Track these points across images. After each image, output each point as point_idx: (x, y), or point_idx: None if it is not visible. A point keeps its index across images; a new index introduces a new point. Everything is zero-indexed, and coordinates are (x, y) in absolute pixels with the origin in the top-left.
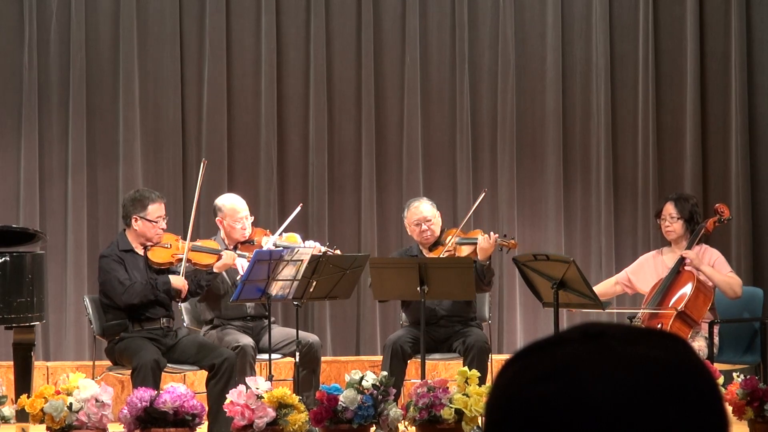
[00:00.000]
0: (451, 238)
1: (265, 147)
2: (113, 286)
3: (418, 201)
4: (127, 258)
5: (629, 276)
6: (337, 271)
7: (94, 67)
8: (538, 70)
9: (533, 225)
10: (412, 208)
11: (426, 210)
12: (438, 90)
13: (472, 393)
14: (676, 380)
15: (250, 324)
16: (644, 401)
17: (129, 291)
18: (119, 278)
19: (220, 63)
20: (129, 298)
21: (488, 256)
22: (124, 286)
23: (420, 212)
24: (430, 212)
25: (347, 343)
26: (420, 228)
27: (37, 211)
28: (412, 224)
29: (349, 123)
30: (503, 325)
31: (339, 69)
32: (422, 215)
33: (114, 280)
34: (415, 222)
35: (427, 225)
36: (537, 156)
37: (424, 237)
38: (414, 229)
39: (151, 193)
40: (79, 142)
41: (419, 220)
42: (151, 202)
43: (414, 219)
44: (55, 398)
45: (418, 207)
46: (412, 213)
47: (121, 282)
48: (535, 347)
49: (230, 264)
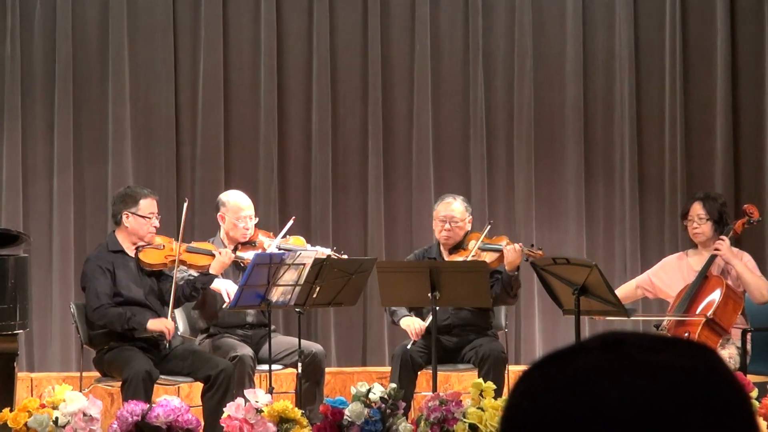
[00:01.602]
0: (474, 243)
1: (264, 143)
2: (90, 297)
3: (452, 198)
4: (117, 260)
5: (651, 279)
6: (342, 276)
7: (81, 57)
8: (556, 60)
9: (552, 226)
10: (443, 203)
11: (456, 209)
12: (450, 82)
13: (488, 407)
14: (701, 389)
15: (249, 332)
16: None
17: (101, 311)
18: (98, 291)
19: (216, 54)
20: (98, 317)
21: (516, 266)
22: (100, 301)
23: (450, 210)
24: (460, 213)
25: (353, 353)
26: (443, 226)
27: (20, 211)
28: (438, 218)
29: (354, 117)
30: (521, 334)
31: (344, 60)
32: (450, 213)
33: (92, 291)
34: (441, 218)
35: (452, 225)
36: (556, 152)
37: (444, 236)
38: (437, 224)
39: (143, 189)
40: (65, 138)
41: (445, 218)
42: (143, 197)
43: (441, 215)
44: (39, 412)
45: (450, 204)
46: (442, 208)
47: (98, 296)
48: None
49: (227, 264)
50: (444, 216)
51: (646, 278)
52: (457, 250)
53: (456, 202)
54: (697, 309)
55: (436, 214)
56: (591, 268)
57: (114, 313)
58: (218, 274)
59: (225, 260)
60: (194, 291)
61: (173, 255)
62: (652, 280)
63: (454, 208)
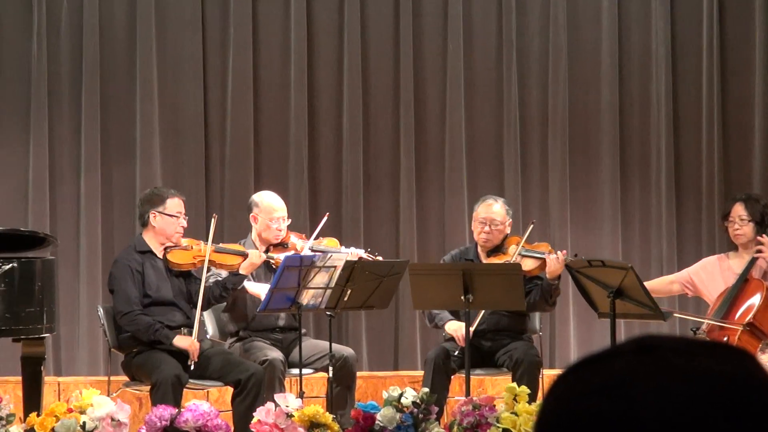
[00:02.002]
0: (514, 249)
1: (295, 143)
2: (119, 302)
3: (493, 200)
4: (145, 260)
5: (691, 276)
6: (374, 279)
7: (109, 56)
8: (592, 59)
9: (587, 228)
10: (484, 204)
11: (497, 212)
12: (483, 81)
13: (522, 411)
14: (739, 394)
15: (279, 336)
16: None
17: (129, 317)
18: (129, 295)
19: (245, 52)
20: (126, 323)
21: (557, 275)
22: (131, 308)
23: (490, 212)
24: (501, 216)
25: (385, 357)
26: (483, 228)
27: (47, 213)
28: (477, 219)
29: (386, 117)
30: (555, 338)
31: (375, 58)
32: (491, 216)
33: (122, 296)
34: (481, 220)
35: (492, 228)
36: (591, 153)
37: (483, 239)
38: (477, 226)
39: (168, 189)
40: (92, 138)
41: (485, 220)
42: (169, 196)
43: (481, 217)
44: (67, 417)
45: (491, 206)
46: (483, 210)
47: (129, 300)
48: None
49: (257, 264)
50: (484, 218)
51: (686, 276)
52: (495, 253)
53: (497, 204)
54: (737, 313)
55: (476, 216)
56: (627, 270)
57: (143, 322)
58: (248, 275)
59: (255, 260)
60: (224, 291)
61: (202, 255)
62: (692, 279)
63: (495, 210)
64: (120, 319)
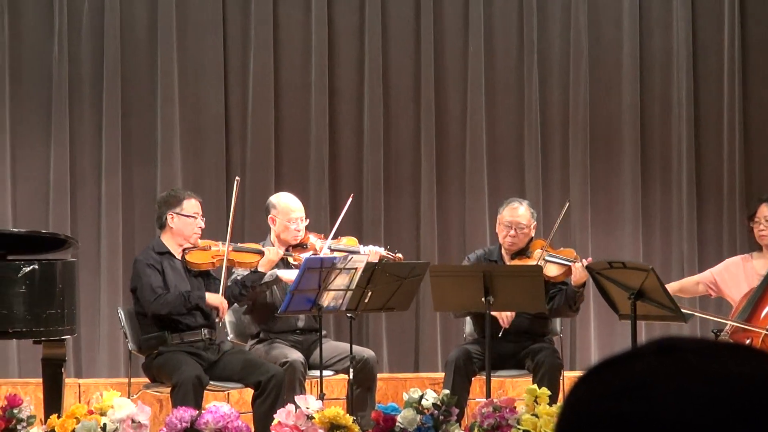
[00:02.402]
0: (539, 252)
1: (315, 145)
2: (144, 293)
3: (518, 203)
4: (164, 261)
5: (714, 277)
6: (395, 281)
7: (130, 58)
8: (613, 61)
9: (608, 229)
10: (509, 207)
11: (523, 216)
12: (504, 82)
13: (542, 413)
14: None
15: (299, 338)
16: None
17: (160, 300)
18: (152, 284)
19: (266, 53)
20: (158, 307)
21: (583, 282)
22: (156, 293)
23: (516, 215)
24: (526, 219)
25: (405, 359)
26: (508, 231)
27: (68, 215)
28: (503, 223)
29: (406, 118)
30: (576, 340)
31: (396, 60)
32: (516, 219)
33: (146, 286)
34: (507, 223)
35: (517, 231)
36: (612, 154)
37: (508, 241)
38: (502, 229)
39: (184, 191)
40: (113, 140)
41: (511, 224)
42: (186, 197)
43: (506, 220)
44: (87, 419)
45: (516, 209)
46: (508, 213)
47: (153, 289)
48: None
49: (275, 261)
50: (509, 221)
51: (709, 276)
52: (519, 255)
53: (522, 207)
54: (761, 315)
55: (501, 219)
56: (647, 272)
57: (173, 297)
58: (267, 272)
59: (272, 257)
60: (243, 289)
61: (220, 255)
62: (715, 279)
63: (520, 213)
64: (151, 307)
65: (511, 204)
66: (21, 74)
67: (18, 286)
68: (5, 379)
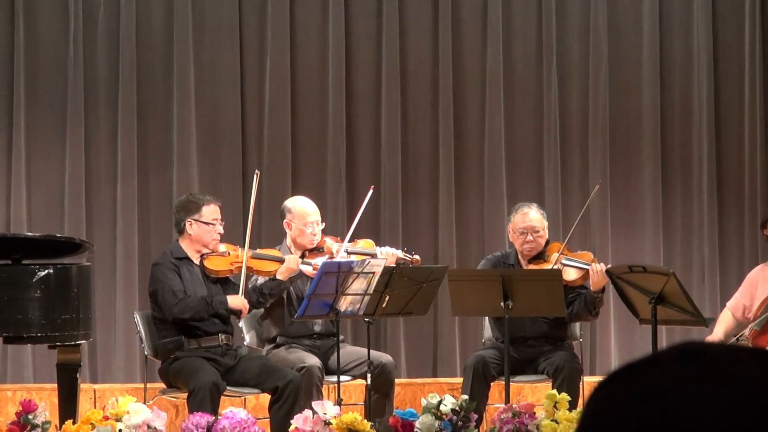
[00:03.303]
0: (556, 256)
1: (332, 148)
2: (165, 297)
3: (528, 207)
4: (182, 267)
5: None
6: (413, 285)
7: (146, 61)
8: (633, 63)
9: (628, 234)
10: (520, 213)
11: (535, 219)
12: (522, 85)
13: (562, 419)
14: None
15: (317, 343)
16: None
17: (181, 304)
18: (173, 288)
19: (283, 56)
20: (180, 311)
21: (602, 287)
22: (177, 297)
23: (528, 220)
24: (540, 222)
25: (423, 364)
26: (524, 237)
27: (83, 219)
28: (516, 231)
29: (424, 122)
30: (596, 345)
31: (414, 62)
32: (530, 224)
33: (167, 290)
34: (521, 230)
35: (534, 236)
36: (632, 158)
37: (527, 248)
38: (517, 238)
39: (204, 196)
40: (129, 144)
41: (525, 229)
42: (205, 203)
43: (520, 226)
44: (103, 424)
45: (527, 214)
46: (520, 219)
47: (174, 293)
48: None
49: (294, 269)
50: (523, 227)
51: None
52: (536, 260)
53: (532, 210)
54: None
55: (514, 227)
56: (668, 276)
57: (195, 301)
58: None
59: (292, 265)
60: (261, 297)
61: (239, 261)
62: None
63: (532, 217)
64: (174, 310)
65: (521, 210)
66: (36, 78)
67: (33, 290)
68: (20, 385)
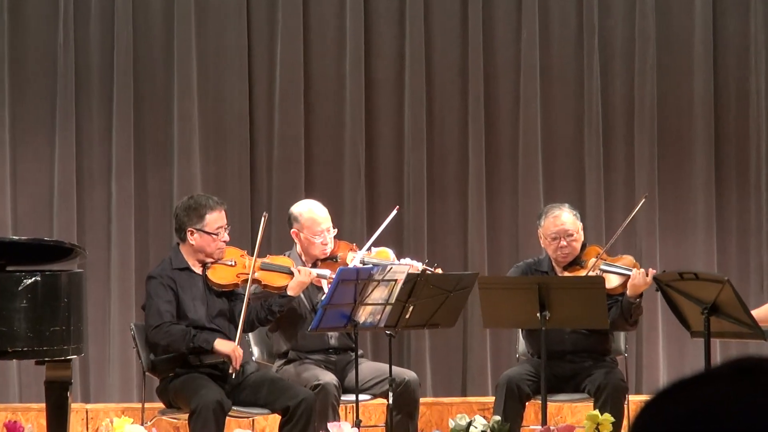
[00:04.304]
0: (594, 261)
1: (350, 144)
2: (149, 316)
3: (559, 209)
4: (182, 278)
5: None
6: (439, 294)
7: (143, 45)
8: (683, 46)
9: (678, 236)
10: (550, 216)
11: (568, 221)
12: (561, 72)
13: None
14: None
15: (332, 358)
16: None
17: (163, 328)
18: (160, 309)
19: (295, 42)
20: (158, 336)
21: (640, 293)
22: (161, 319)
23: (561, 223)
24: (573, 225)
25: (451, 381)
26: (558, 243)
27: (74, 221)
28: (548, 236)
29: (452, 113)
30: (642, 360)
31: (440, 48)
32: (562, 227)
33: (153, 309)
34: (553, 235)
35: (568, 240)
36: (683, 151)
37: (562, 254)
38: (550, 243)
39: (208, 200)
40: (124, 138)
41: (558, 233)
42: (209, 211)
43: (552, 231)
44: None
45: (559, 216)
46: (551, 223)
47: (160, 313)
48: (679, 385)
49: (306, 283)
50: (555, 232)
51: None
52: (572, 266)
53: (564, 212)
54: None
55: (544, 232)
56: (722, 284)
57: (177, 330)
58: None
59: (305, 279)
60: (270, 314)
61: (246, 273)
62: None
63: (564, 220)
64: (151, 333)
65: (551, 212)
66: (22, 64)
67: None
68: (5, 404)
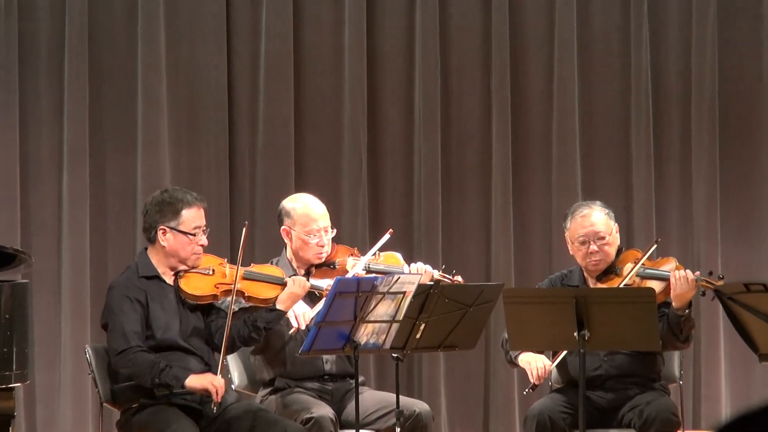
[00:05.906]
0: (630, 267)
1: (350, 128)
2: (113, 337)
3: (588, 207)
4: (151, 289)
5: None
6: (457, 309)
7: (102, 10)
8: (749, 15)
9: (742, 240)
10: (578, 216)
11: (599, 221)
12: (603, 44)
13: None
14: None
15: (328, 386)
16: None
17: (128, 355)
18: (125, 329)
19: (284, 8)
20: (122, 363)
21: (687, 301)
22: (127, 343)
23: (590, 224)
24: (605, 226)
25: (471, 414)
26: (587, 248)
27: (17, 222)
28: (575, 240)
29: (473, 93)
30: (700, 388)
31: (458, 15)
32: (592, 229)
33: (117, 330)
34: (581, 238)
35: (599, 245)
36: (748, 141)
37: (592, 262)
38: (578, 249)
39: (185, 194)
40: (78, 121)
41: (587, 236)
42: (186, 206)
43: (579, 234)
44: None
45: (588, 216)
46: (578, 224)
47: (126, 336)
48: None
49: (300, 296)
50: (584, 235)
51: None
52: (606, 275)
53: (594, 211)
54: None
55: (572, 236)
56: None
57: (144, 360)
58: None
59: (297, 290)
60: (255, 332)
61: (227, 283)
62: None
63: (594, 220)
64: (115, 360)
65: (578, 211)
66: None
67: None
68: None
